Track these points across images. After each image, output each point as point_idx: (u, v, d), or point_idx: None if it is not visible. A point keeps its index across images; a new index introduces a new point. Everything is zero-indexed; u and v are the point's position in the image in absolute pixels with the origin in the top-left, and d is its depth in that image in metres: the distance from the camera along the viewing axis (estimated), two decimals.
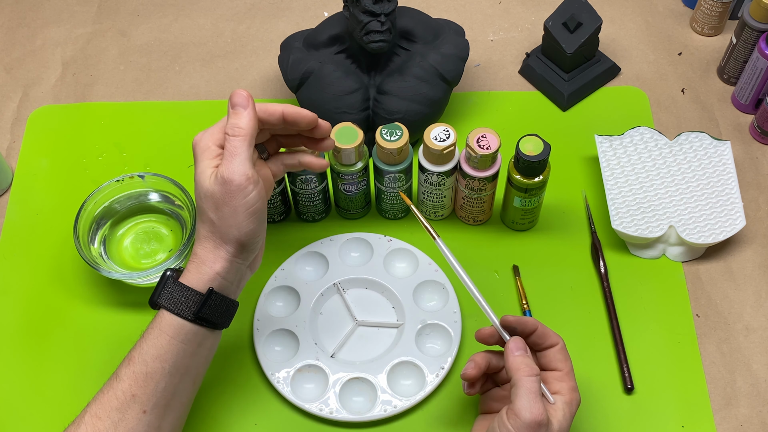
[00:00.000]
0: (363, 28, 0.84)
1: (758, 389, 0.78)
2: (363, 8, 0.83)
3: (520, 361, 0.64)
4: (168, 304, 0.66)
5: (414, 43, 0.90)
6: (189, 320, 0.66)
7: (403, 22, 0.89)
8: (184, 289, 0.66)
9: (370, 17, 0.83)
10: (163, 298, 0.66)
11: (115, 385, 0.65)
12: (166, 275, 0.67)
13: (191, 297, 0.66)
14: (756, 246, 0.86)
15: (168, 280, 0.67)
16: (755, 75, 0.91)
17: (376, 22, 0.83)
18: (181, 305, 0.66)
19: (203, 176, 0.66)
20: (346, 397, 0.77)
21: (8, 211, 0.91)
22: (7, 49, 1.04)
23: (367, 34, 0.84)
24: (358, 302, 0.83)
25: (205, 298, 0.66)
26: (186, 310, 0.66)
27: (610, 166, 0.88)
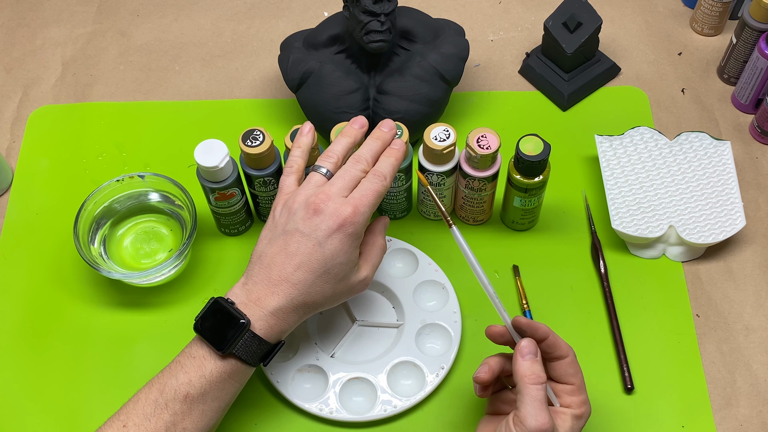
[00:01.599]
0: (363, 28, 0.84)
1: (758, 389, 0.78)
2: (363, 8, 0.83)
3: (528, 367, 0.63)
4: (245, 355, 0.67)
5: (414, 43, 0.90)
6: (255, 366, 0.68)
7: (403, 22, 0.89)
8: (262, 343, 0.67)
9: (370, 17, 0.83)
10: (241, 350, 0.66)
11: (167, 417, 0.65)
12: (244, 327, 0.66)
13: (264, 348, 0.68)
14: (756, 246, 0.86)
15: (246, 332, 0.66)
16: (755, 75, 0.91)
17: (375, 22, 0.83)
18: (254, 355, 0.67)
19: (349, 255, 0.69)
20: (346, 397, 0.77)
21: (8, 211, 0.91)
22: (7, 49, 1.04)
23: (367, 34, 0.84)
24: (358, 302, 0.83)
25: (277, 349, 0.69)
26: (256, 360, 0.68)
27: (610, 166, 0.88)
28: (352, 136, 0.73)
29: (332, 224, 0.67)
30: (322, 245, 0.67)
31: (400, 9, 0.90)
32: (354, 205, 0.67)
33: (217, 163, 0.78)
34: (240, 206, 0.84)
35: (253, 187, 0.83)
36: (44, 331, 0.83)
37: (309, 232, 0.67)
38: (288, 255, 0.67)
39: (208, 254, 0.87)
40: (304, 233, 0.67)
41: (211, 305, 0.68)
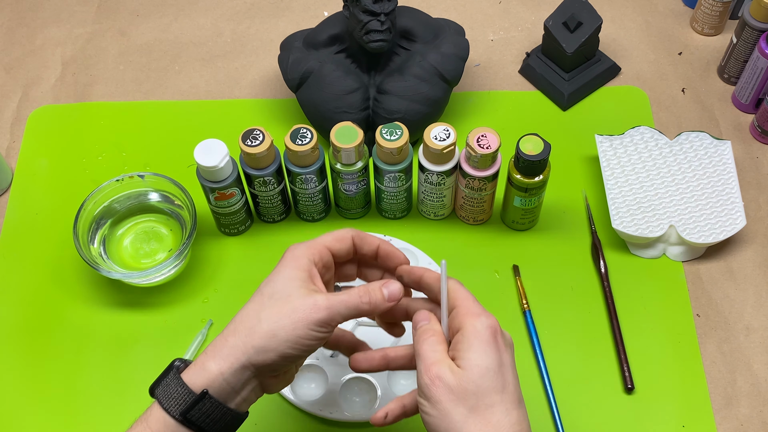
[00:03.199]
0: (363, 27, 0.84)
1: (759, 389, 0.78)
2: (363, 8, 0.83)
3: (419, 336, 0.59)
4: (162, 396, 0.59)
5: (414, 42, 0.90)
6: (176, 419, 0.58)
7: (403, 21, 0.89)
8: (180, 384, 0.58)
9: (369, 17, 0.83)
10: (160, 388, 0.59)
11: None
12: (174, 365, 0.60)
13: (183, 394, 0.58)
14: (756, 246, 0.86)
15: (171, 370, 0.60)
16: (755, 74, 0.91)
17: (375, 21, 0.83)
18: (172, 401, 0.58)
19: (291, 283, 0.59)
20: (346, 397, 0.77)
21: (8, 211, 0.91)
22: (7, 49, 1.04)
23: (366, 34, 0.84)
24: None
25: (197, 399, 0.58)
26: (175, 407, 0.58)
27: (611, 165, 0.88)
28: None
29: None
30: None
31: (400, 9, 0.90)
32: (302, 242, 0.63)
33: (217, 162, 0.78)
34: (240, 206, 0.84)
35: (253, 187, 0.83)
36: (44, 331, 0.83)
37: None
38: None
39: (208, 254, 0.87)
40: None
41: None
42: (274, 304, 0.59)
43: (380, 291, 0.61)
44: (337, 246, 0.63)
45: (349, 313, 0.59)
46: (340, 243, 0.63)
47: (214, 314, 0.83)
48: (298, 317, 0.58)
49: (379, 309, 0.61)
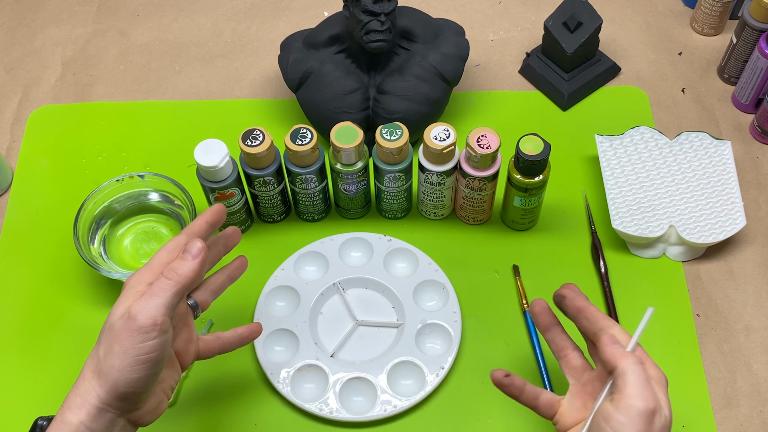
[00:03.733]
0: (363, 27, 0.84)
1: (758, 389, 0.78)
2: (363, 8, 0.83)
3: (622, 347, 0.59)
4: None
5: (414, 42, 0.90)
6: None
7: (403, 21, 0.89)
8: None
9: (369, 17, 0.83)
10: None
11: None
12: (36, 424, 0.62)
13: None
14: (756, 246, 0.86)
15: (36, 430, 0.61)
16: (755, 75, 0.91)
17: (375, 21, 0.83)
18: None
19: (115, 310, 0.59)
20: (346, 397, 0.77)
21: (8, 211, 0.91)
22: (7, 49, 1.04)
23: (366, 34, 0.84)
24: (358, 302, 0.83)
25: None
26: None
27: (610, 165, 0.88)
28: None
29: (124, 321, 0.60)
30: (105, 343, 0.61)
31: (400, 9, 0.90)
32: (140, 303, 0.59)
33: (217, 162, 0.78)
34: (240, 206, 0.84)
35: (253, 187, 0.83)
36: (44, 330, 0.83)
37: None
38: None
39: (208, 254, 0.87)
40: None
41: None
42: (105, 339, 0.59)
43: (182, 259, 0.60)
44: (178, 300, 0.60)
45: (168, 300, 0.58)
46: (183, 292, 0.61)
47: (214, 314, 0.83)
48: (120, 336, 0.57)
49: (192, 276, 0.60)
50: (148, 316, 0.57)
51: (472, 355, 0.80)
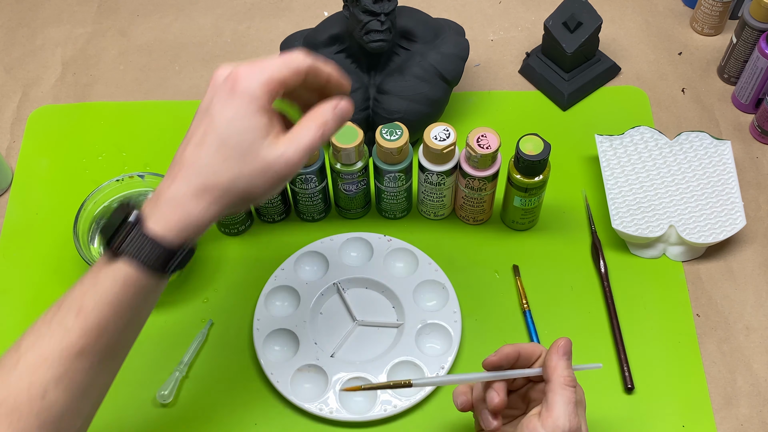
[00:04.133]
0: (363, 27, 0.84)
1: (758, 389, 0.78)
2: (363, 8, 0.83)
3: (564, 367, 0.62)
4: (138, 255, 0.55)
5: (414, 42, 0.90)
6: (158, 274, 0.56)
7: (403, 21, 0.89)
8: (157, 244, 0.55)
9: (369, 17, 0.83)
10: (131, 248, 0.55)
11: (60, 336, 0.55)
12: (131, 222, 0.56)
13: (164, 253, 0.55)
14: (756, 246, 0.86)
15: (134, 228, 0.55)
16: (755, 74, 0.91)
17: (375, 21, 0.83)
18: (154, 260, 0.55)
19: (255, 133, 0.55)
20: (346, 397, 0.77)
21: (8, 211, 0.91)
22: (7, 49, 1.04)
23: (366, 34, 0.84)
24: (358, 302, 0.83)
25: (185, 254, 0.57)
26: (158, 265, 0.56)
27: (610, 165, 0.88)
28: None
29: (222, 90, 0.56)
30: (209, 112, 0.56)
31: (400, 9, 0.90)
32: (251, 63, 0.57)
33: None
34: None
35: None
36: None
37: (204, 107, 0.57)
38: (186, 137, 0.57)
39: (208, 254, 0.87)
40: (200, 110, 0.57)
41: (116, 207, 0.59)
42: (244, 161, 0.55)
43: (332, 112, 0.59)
44: (291, 80, 0.58)
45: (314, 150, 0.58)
46: (295, 76, 0.58)
47: (214, 314, 0.83)
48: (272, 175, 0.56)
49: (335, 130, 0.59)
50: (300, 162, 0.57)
51: (472, 355, 0.80)
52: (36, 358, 0.55)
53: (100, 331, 0.56)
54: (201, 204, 0.56)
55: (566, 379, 0.62)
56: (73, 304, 0.56)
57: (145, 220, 0.56)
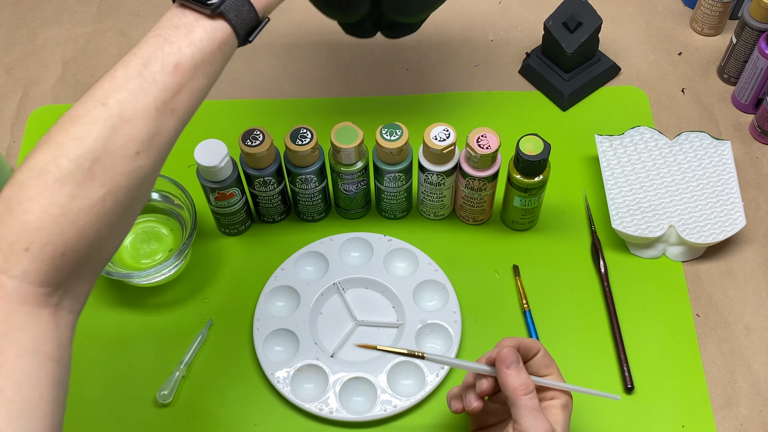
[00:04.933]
0: None
1: (758, 389, 0.78)
2: None
3: (515, 377, 0.63)
4: (235, 18, 0.58)
5: None
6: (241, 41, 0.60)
7: None
8: (252, 12, 0.59)
9: None
10: (232, 11, 0.57)
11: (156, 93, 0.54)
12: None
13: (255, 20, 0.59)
14: (756, 246, 0.86)
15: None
16: (755, 75, 0.91)
17: None
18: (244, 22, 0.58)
19: None
20: (346, 397, 0.77)
21: None
22: (7, 49, 1.04)
23: None
24: (358, 302, 0.83)
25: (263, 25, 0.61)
26: (245, 27, 0.59)
27: (610, 165, 0.88)
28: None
29: None
30: None
31: None
32: None
33: (217, 162, 0.78)
34: (240, 206, 0.84)
35: (253, 187, 0.83)
36: None
37: None
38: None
39: (208, 254, 0.87)
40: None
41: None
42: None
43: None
44: None
45: None
46: None
47: (214, 314, 0.83)
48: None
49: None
50: None
51: (472, 355, 0.80)
52: (132, 114, 0.53)
53: (192, 91, 0.56)
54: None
55: (519, 389, 0.62)
56: (168, 60, 0.55)
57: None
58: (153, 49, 0.55)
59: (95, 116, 0.53)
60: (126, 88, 0.54)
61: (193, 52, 0.55)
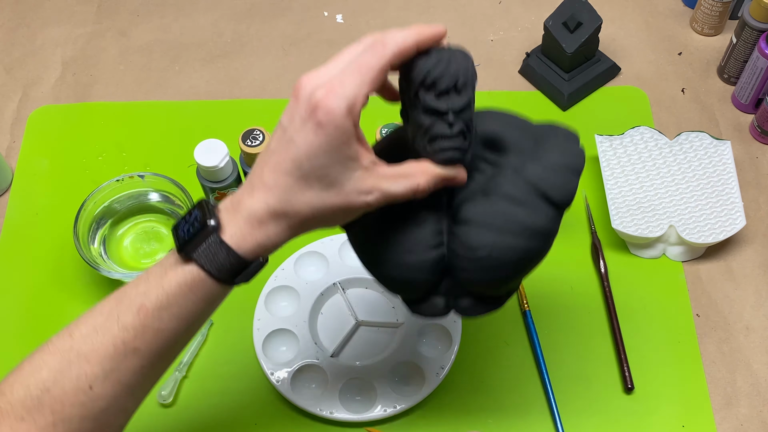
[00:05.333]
0: (426, 133, 0.56)
1: (758, 389, 0.78)
2: (424, 106, 0.55)
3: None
4: (208, 264, 0.54)
5: (504, 154, 0.61)
6: (225, 284, 0.56)
7: (487, 125, 0.62)
8: (230, 253, 0.54)
9: (433, 118, 0.56)
10: (203, 256, 0.54)
11: (116, 332, 0.55)
12: (209, 227, 0.54)
13: (233, 260, 0.54)
14: (756, 246, 0.86)
15: (211, 235, 0.54)
16: (755, 75, 0.91)
17: (442, 123, 0.56)
18: (224, 270, 0.55)
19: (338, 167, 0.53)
20: (346, 397, 0.77)
21: (8, 211, 0.91)
22: (7, 49, 1.04)
23: (432, 142, 0.56)
24: (358, 302, 0.83)
25: (255, 268, 0.56)
26: (227, 276, 0.55)
27: (610, 165, 0.88)
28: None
29: (303, 113, 0.52)
30: (292, 138, 0.53)
31: (483, 113, 0.62)
32: (329, 84, 0.51)
33: (217, 162, 0.78)
34: None
35: None
36: (44, 331, 0.83)
37: (286, 125, 0.54)
38: (268, 153, 0.55)
39: None
40: (283, 125, 0.55)
41: (193, 206, 0.57)
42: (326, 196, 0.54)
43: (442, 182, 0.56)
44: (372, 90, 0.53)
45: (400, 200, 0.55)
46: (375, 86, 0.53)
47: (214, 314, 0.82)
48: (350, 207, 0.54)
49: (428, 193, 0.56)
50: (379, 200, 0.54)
51: (472, 355, 0.80)
52: (89, 350, 0.55)
53: (158, 332, 0.55)
54: (279, 227, 0.55)
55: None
56: (134, 301, 0.55)
57: (223, 229, 0.55)
58: (131, 287, 0.56)
59: (58, 347, 0.56)
60: (91, 323, 0.56)
61: (159, 294, 0.55)
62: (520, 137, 0.61)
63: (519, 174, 0.59)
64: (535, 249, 0.60)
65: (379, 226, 0.60)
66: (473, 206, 0.59)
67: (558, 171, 0.59)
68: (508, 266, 0.59)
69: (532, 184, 0.59)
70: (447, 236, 0.60)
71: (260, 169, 0.55)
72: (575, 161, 0.60)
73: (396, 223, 0.59)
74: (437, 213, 0.60)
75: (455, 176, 0.57)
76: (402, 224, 0.59)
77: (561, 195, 0.59)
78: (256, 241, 0.55)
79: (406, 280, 0.60)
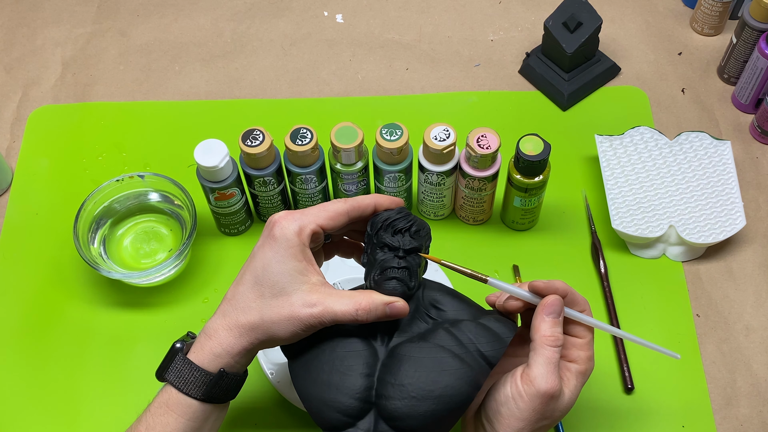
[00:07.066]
0: (378, 266, 0.63)
1: (758, 389, 0.78)
2: (381, 242, 0.63)
3: (548, 327, 0.61)
4: (176, 381, 0.62)
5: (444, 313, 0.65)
6: (198, 399, 0.62)
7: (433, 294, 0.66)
8: (194, 369, 0.62)
9: (386, 253, 0.63)
10: (171, 374, 0.62)
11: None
12: (176, 348, 0.63)
13: (201, 377, 0.62)
14: (756, 246, 0.86)
15: (177, 355, 0.63)
16: (755, 75, 0.91)
17: (392, 256, 0.63)
18: (190, 384, 0.62)
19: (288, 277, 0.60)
20: None
21: (8, 211, 0.91)
22: (7, 49, 1.04)
23: (381, 273, 0.63)
24: None
25: (216, 379, 0.62)
26: (195, 390, 0.62)
27: (610, 165, 0.88)
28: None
29: (265, 232, 0.62)
30: (255, 255, 0.62)
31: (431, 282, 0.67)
32: (291, 212, 0.62)
33: (217, 163, 0.78)
34: (240, 206, 0.84)
35: (252, 187, 0.83)
36: (44, 331, 0.83)
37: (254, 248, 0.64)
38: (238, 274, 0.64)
39: (208, 254, 0.87)
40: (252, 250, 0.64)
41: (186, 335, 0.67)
42: (274, 303, 0.60)
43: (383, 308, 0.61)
44: (330, 224, 0.63)
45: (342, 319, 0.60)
46: (333, 220, 0.63)
47: None
48: (295, 317, 0.60)
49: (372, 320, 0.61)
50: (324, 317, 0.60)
51: None
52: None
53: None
54: (230, 334, 0.61)
55: (547, 339, 0.60)
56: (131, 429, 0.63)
57: (188, 350, 0.63)
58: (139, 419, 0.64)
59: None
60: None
61: (147, 418, 0.63)
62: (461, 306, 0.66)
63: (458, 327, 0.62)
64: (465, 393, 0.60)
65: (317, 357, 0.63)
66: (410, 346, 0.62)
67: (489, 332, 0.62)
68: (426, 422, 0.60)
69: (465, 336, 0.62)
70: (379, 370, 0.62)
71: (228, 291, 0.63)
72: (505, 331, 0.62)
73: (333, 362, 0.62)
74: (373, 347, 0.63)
75: (396, 305, 0.61)
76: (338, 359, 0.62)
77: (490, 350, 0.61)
78: (210, 351, 0.62)
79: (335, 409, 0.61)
